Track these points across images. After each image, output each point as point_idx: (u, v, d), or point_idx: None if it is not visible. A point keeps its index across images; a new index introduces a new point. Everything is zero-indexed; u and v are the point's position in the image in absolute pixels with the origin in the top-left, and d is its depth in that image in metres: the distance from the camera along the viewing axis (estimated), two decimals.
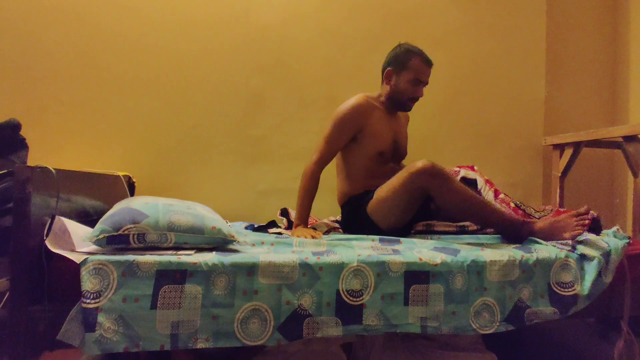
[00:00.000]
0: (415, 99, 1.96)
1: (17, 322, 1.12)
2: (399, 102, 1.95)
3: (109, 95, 2.42)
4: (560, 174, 2.58)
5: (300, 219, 1.85)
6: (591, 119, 2.92)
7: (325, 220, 2.06)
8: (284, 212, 2.11)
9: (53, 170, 1.22)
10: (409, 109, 2.01)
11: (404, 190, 1.69)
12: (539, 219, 1.73)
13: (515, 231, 1.66)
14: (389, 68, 1.94)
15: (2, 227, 1.65)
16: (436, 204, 1.75)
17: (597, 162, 2.93)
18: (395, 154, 2.01)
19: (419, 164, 1.62)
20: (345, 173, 1.99)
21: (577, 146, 2.49)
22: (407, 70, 1.90)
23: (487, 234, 1.83)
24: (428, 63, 1.92)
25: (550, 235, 1.60)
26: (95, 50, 2.40)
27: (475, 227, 1.87)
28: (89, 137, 2.39)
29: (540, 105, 2.77)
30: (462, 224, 1.88)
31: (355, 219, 1.89)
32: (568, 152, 2.52)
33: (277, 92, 2.57)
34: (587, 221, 1.56)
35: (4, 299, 1.55)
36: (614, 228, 1.61)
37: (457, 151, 2.69)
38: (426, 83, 1.95)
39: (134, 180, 2.26)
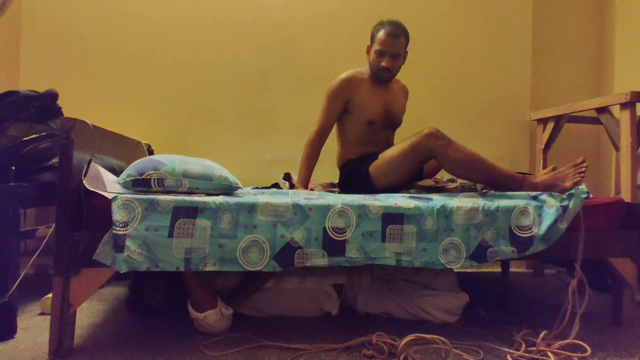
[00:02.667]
0: (385, 70, 2.06)
1: (61, 245, 1.38)
2: (374, 73, 2.12)
3: (129, 74, 2.72)
4: (543, 147, 2.75)
5: (300, 181, 2.09)
6: (579, 96, 3.07)
7: (322, 183, 2.28)
8: (287, 177, 2.35)
9: (90, 125, 1.47)
10: (385, 80, 2.13)
11: (410, 150, 1.88)
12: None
13: (516, 185, 1.84)
14: (368, 44, 2.15)
15: (44, 182, 1.93)
16: (441, 164, 1.91)
17: (584, 138, 3.09)
18: (387, 123, 2.19)
19: (426, 129, 1.85)
20: (342, 140, 2.23)
21: (559, 120, 2.65)
22: (374, 42, 2.07)
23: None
24: (392, 35, 2.01)
25: (551, 186, 1.80)
26: (117, 35, 2.71)
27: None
28: (113, 110, 2.70)
29: (527, 83, 2.95)
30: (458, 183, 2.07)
31: (352, 178, 2.12)
32: (550, 126, 2.68)
33: (281, 69, 2.82)
34: (583, 169, 1.77)
35: (43, 244, 1.83)
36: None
37: (449, 126, 2.83)
38: (393, 54, 2.04)
39: (153, 148, 2.52)
